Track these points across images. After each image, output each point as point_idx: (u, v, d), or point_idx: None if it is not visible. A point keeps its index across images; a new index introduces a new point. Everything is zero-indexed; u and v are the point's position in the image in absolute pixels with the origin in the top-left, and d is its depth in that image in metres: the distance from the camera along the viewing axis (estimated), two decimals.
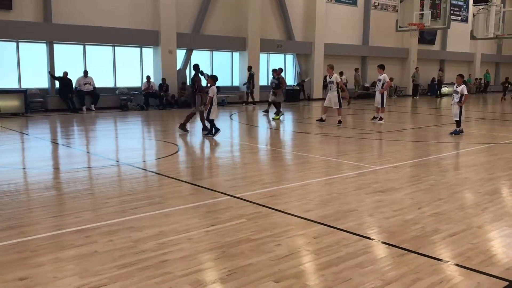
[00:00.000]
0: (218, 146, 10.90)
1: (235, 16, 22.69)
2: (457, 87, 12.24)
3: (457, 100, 12.16)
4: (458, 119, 12.31)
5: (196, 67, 12.61)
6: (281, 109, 16.66)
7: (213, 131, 11.79)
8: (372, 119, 15.83)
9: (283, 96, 17.60)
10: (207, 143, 11.49)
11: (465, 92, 12.13)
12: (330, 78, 14.57)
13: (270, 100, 17.19)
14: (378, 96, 15.45)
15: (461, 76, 12.51)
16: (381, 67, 15.73)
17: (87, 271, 3.85)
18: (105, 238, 4.59)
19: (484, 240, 4.71)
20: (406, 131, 13.74)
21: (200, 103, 12.21)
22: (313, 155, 9.71)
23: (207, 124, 12.04)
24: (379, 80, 15.53)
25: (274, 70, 17.54)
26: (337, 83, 14.35)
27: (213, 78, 11.79)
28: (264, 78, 24.25)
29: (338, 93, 14.38)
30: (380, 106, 15.41)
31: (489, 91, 36.94)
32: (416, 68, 30.49)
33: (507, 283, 3.71)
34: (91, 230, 4.82)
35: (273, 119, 16.21)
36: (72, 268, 3.91)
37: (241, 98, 22.61)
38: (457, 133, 12.37)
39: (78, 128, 14.05)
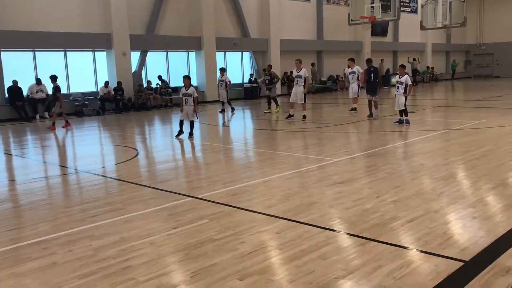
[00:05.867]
0: (179, 148, 10.81)
1: (189, 16, 22.52)
2: (400, 78, 12.46)
3: (403, 91, 12.31)
4: (404, 108, 12.44)
5: (369, 60, 15.15)
6: (278, 103, 17.54)
7: (183, 132, 11.64)
8: (350, 110, 15.93)
9: (276, 90, 18.20)
10: (166, 145, 11.37)
11: (409, 82, 12.44)
12: (298, 72, 14.48)
13: (264, 95, 17.89)
14: (355, 87, 15.65)
15: (403, 66, 12.78)
16: (352, 60, 16.09)
17: (46, 283, 3.75)
18: (64, 249, 4.47)
19: (440, 223, 4.86)
20: (363, 122, 14.01)
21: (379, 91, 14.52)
22: (273, 151, 9.77)
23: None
24: (353, 72, 15.77)
25: (269, 66, 18.68)
26: (305, 78, 14.41)
27: (188, 78, 11.72)
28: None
29: (304, 87, 14.42)
30: (356, 97, 15.70)
31: (457, 77, 39.36)
32: (381, 60, 31.20)
33: (462, 263, 3.85)
34: (49, 242, 4.69)
35: (274, 112, 17.05)
36: (31, 282, 3.80)
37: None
38: (402, 122, 12.47)
39: (32, 137, 13.62)
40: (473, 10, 39.71)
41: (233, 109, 18.19)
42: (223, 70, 18.49)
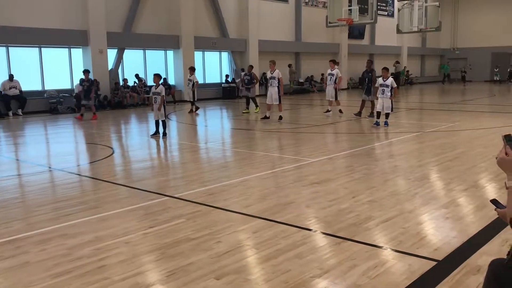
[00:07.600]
0: (155, 147, 10.73)
1: (167, 14, 22.34)
2: (385, 81, 12.47)
3: (389, 94, 12.40)
4: (390, 111, 12.61)
5: (369, 62, 15.38)
6: (257, 103, 17.58)
7: (159, 132, 11.54)
8: (325, 112, 16.09)
9: (255, 91, 18.24)
10: (142, 144, 11.27)
11: (395, 85, 12.58)
12: (272, 74, 14.51)
13: (242, 95, 17.68)
14: (332, 90, 15.72)
15: (386, 69, 12.90)
16: (334, 62, 16.19)
17: (19, 283, 3.68)
18: (37, 248, 4.39)
19: (414, 224, 4.95)
20: (340, 123, 14.14)
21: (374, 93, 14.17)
22: (251, 151, 9.78)
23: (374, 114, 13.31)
24: (332, 74, 15.83)
25: (250, 66, 18.68)
26: (279, 79, 14.44)
27: (159, 77, 11.53)
28: (199, 76, 24.06)
29: (278, 88, 14.42)
30: (334, 99, 15.79)
31: (451, 80, 40.14)
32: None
33: (435, 262, 3.93)
34: (22, 240, 4.60)
35: (253, 112, 16.91)
36: (2, 282, 3.72)
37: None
38: (379, 124, 12.58)
39: (5, 135, 13.31)
40: (448, 15, 40.47)
41: (193, 110, 17.72)
42: (192, 70, 18.02)
